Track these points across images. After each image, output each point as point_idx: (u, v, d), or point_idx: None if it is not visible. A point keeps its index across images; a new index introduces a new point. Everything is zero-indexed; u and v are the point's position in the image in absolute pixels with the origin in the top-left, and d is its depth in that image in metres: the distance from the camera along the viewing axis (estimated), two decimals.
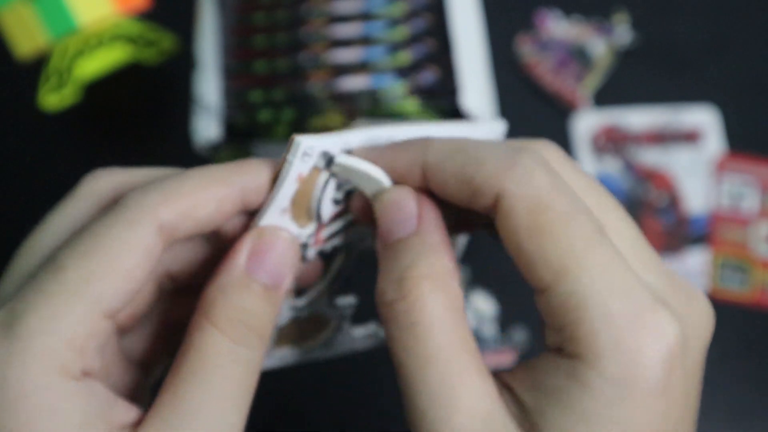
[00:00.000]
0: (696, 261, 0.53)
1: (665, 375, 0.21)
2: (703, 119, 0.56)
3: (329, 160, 0.28)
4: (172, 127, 0.58)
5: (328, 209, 0.30)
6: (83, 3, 0.51)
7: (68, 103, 0.54)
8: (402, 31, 0.46)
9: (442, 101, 0.44)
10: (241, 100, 0.45)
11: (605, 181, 0.54)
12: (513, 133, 0.55)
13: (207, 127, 0.44)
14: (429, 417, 0.21)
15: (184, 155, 0.51)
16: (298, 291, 0.31)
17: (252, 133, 0.45)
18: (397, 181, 0.24)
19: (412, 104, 0.44)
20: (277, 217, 0.26)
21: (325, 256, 0.32)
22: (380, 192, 0.24)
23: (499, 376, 0.23)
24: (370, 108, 0.44)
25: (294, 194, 0.27)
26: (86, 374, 0.22)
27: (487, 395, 0.22)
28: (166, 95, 0.59)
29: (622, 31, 0.59)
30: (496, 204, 0.22)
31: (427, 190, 0.24)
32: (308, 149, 0.26)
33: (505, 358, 0.48)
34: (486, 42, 0.47)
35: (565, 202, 0.22)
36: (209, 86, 0.45)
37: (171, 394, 0.22)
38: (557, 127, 0.57)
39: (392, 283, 0.22)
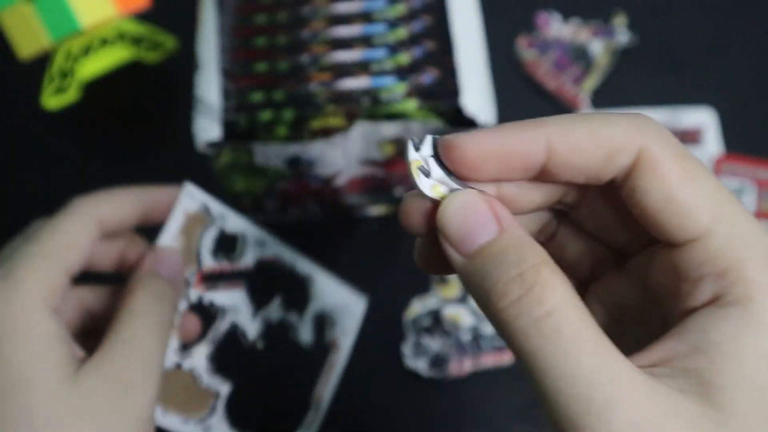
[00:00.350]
0: None
1: None
2: (701, 120, 0.56)
3: (207, 211, 0.40)
4: (172, 127, 0.58)
5: (207, 259, 0.40)
6: (84, 4, 0.51)
7: (69, 102, 0.54)
8: (402, 32, 0.46)
9: (443, 102, 0.44)
10: (242, 101, 0.45)
11: None
12: None
13: (208, 128, 0.44)
14: (596, 400, 0.20)
15: (185, 155, 0.51)
16: (184, 347, 0.40)
17: (252, 134, 0.45)
18: (511, 163, 0.24)
19: (412, 105, 0.44)
20: (170, 240, 0.38)
21: (205, 316, 0.41)
22: (446, 200, 0.24)
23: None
24: (371, 108, 0.44)
25: (182, 227, 0.39)
26: (55, 311, 0.33)
27: (637, 369, 0.21)
28: (167, 95, 0.60)
29: (621, 33, 0.59)
30: (637, 159, 0.23)
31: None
32: (191, 192, 0.40)
33: (506, 357, 0.49)
34: (486, 43, 0.47)
35: (693, 155, 0.23)
36: (210, 87, 0.45)
37: (111, 333, 0.33)
38: None
39: (511, 282, 0.22)
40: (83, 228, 0.35)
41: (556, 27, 0.60)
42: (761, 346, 0.21)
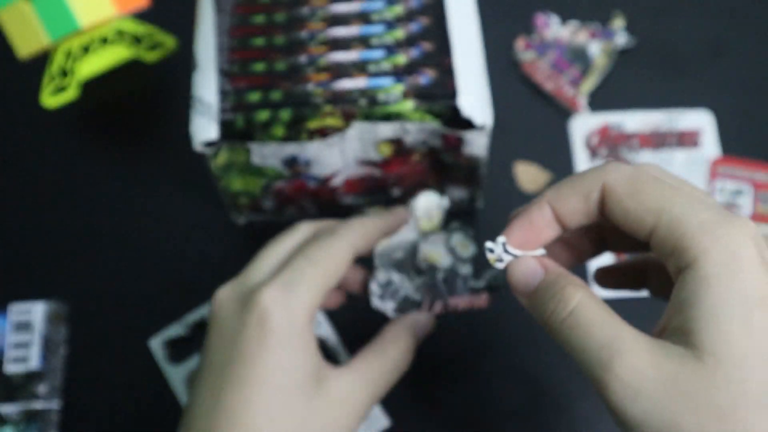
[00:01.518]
0: None
1: (758, 251, 0.28)
2: (699, 122, 0.57)
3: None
4: (170, 127, 0.58)
5: None
6: (84, 3, 0.51)
7: (68, 101, 0.54)
8: (400, 33, 0.46)
9: (440, 103, 0.44)
10: (239, 101, 0.45)
11: None
12: (511, 134, 0.55)
13: (205, 127, 0.44)
14: (605, 357, 0.29)
15: (183, 154, 0.51)
16: None
17: (249, 134, 0.45)
18: (541, 230, 0.34)
19: (409, 105, 0.44)
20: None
21: None
22: (508, 268, 0.34)
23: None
24: (368, 109, 0.44)
25: None
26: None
27: (641, 333, 0.29)
28: (165, 94, 0.60)
29: (619, 35, 0.59)
30: (602, 193, 0.32)
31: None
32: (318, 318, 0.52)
33: (479, 301, 0.45)
34: (484, 44, 0.48)
35: (651, 171, 0.32)
36: (208, 86, 0.45)
37: (359, 361, 0.42)
38: (555, 130, 0.57)
39: (549, 302, 0.32)
40: (347, 254, 0.41)
41: (555, 28, 0.60)
42: (712, 293, 0.28)
